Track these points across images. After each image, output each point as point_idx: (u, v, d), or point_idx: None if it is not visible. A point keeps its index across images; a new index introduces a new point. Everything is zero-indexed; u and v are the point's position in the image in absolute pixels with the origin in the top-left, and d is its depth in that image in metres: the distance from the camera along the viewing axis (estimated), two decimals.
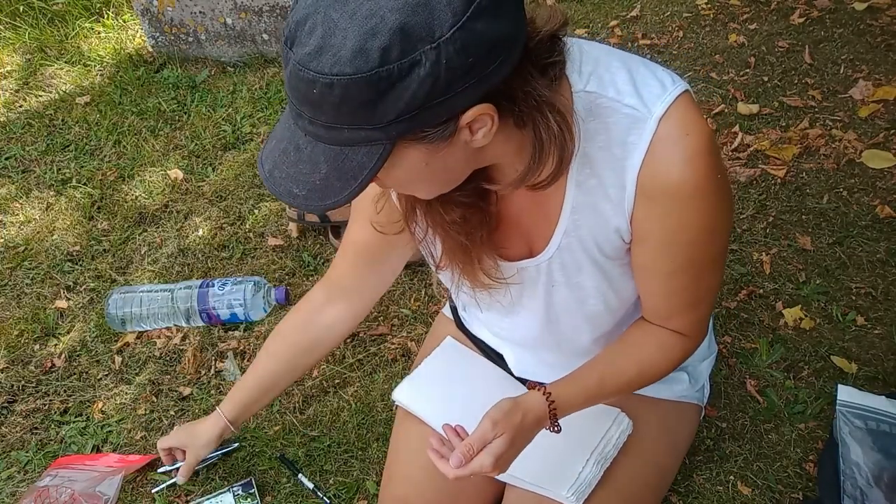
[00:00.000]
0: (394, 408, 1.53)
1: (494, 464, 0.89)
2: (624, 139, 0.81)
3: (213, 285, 1.78)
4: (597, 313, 1.02)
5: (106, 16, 2.95)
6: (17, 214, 2.21)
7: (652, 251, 0.90)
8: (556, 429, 0.96)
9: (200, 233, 2.05)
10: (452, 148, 0.73)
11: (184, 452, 1.39)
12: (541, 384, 0.96)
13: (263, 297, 1.78)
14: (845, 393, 1.39)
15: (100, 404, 1.68)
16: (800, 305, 1.60)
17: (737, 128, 2.04)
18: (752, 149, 1.97)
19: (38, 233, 2.14)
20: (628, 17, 2.54)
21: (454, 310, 1.32)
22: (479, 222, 0.92)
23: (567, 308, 1.02)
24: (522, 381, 1.22)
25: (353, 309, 1.19)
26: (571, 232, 0.92)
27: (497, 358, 1.24)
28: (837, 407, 1.37)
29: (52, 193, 2.26)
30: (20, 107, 2.65)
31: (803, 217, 1.79)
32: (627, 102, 0.80)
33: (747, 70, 2.22)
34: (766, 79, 2.18)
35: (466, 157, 0.77)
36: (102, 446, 1.61)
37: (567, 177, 0.87)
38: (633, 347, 1.01)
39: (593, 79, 0.81)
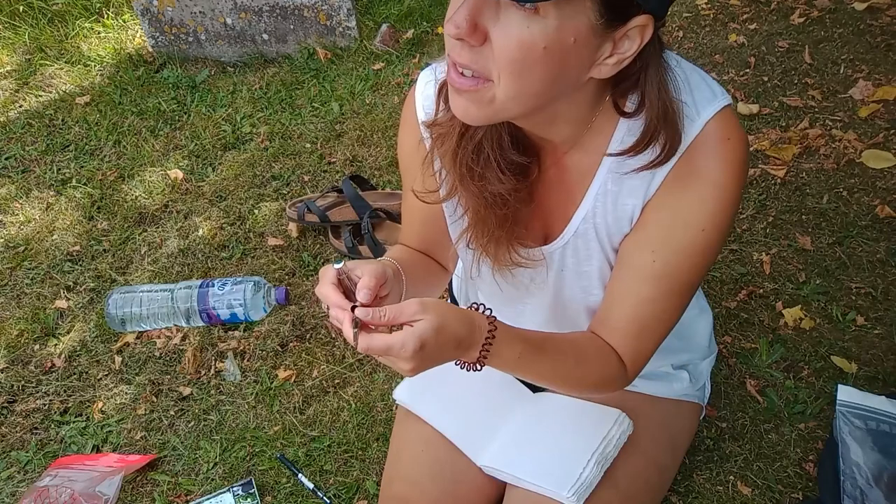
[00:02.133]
0: (394, 408, 1.53)
1: (414, 353, 0.76)
2: None
3: (213, 285, 1.78)
4: (598, 305, 1.02)
5: (106, 16, 2.96)
6: (17, 214, 2.21)
7: (642, 241, 0.90)
8: (476, 367, 0.85)
9: (200, 233, 2.05)
10: (593, 46, 0.71)
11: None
12: (489, 311, 0.85)
13: (263, 297, 1.78)
14: (845, 393, 1.39)
15: (100, 404, 1.68)
16: (800, 305, 1.60)
17: None
18: (752, 149, 1.97)
19: (38, 233, 2.15)
20: None
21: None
22: (524, 198, 0.92)
23: (572, 297, 1.03)
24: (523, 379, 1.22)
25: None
26: (590, 217, 0.93)
27: None
28: (837, 407, 1.37)
29: (52, 193, 2.26)
30: (20, 107, 2.65)
31: (803, 217, 1.79)
32: (681, 99, 0.83)
33: (747, 70, 2.22)
34: (766, 79, 2.18)
35: (577, 76, 0.75)
36: (102, 446, 1.61)
37: (602, 161, 0.88)
38: (580, 343, 0.96)
39: None
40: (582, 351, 0.95)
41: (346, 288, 0.84)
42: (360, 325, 0.78)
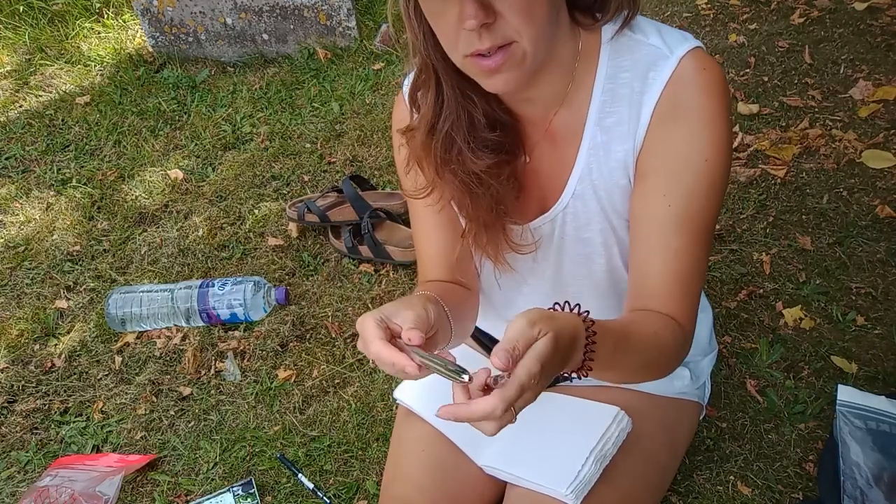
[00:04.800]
0: (394, 407, 1.53)
1: (541, 377, 0.68)
2: (645, 74, 0.86)
3: (213, 285, 1.78)
4: (602, 278, 1.03)
5: (106, 16, 2.96)
6: (17, 214, 2.21)
7: (651, 189, 0.90)
8: (583, 374, 0.75)
9: (200, 233, 2.05)
10: None
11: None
12: (577, 307, 0.77)
13: (263, 297, 1.78)
14: (845, 393, 1.39)
15: (100, 404, 1.68)
16: (800, 305, 1.60)
17: (737, 128, 2.04)
18: (752, 149, 1.97)
19: (38, 233, 2.15)
20: None
21: None
22: (510, 175, 0.94)
23: (574, 269, 1.03)
24: None
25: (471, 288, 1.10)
26: (586, 176, 0.93)
27: (493, 345, 1.24)
28: (837, 407, 1.37)
29: (52, 193, 2.26)
30: (20, 107, 2.65)
31: (803, 217, 1.79)
32: (652, 42, 0.87)
33: (747, 70, 2.22)
34: (766, 79, 2.18)
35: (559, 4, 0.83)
36: (102, 446, 1.61)
37: (588, 115, 0.90)
38: (645, 321, 0.90)
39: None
40: (652, 324, 0.88)
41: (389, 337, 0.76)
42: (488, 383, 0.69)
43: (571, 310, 0.77)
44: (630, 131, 0.89)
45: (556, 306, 0.77)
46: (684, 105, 0.85)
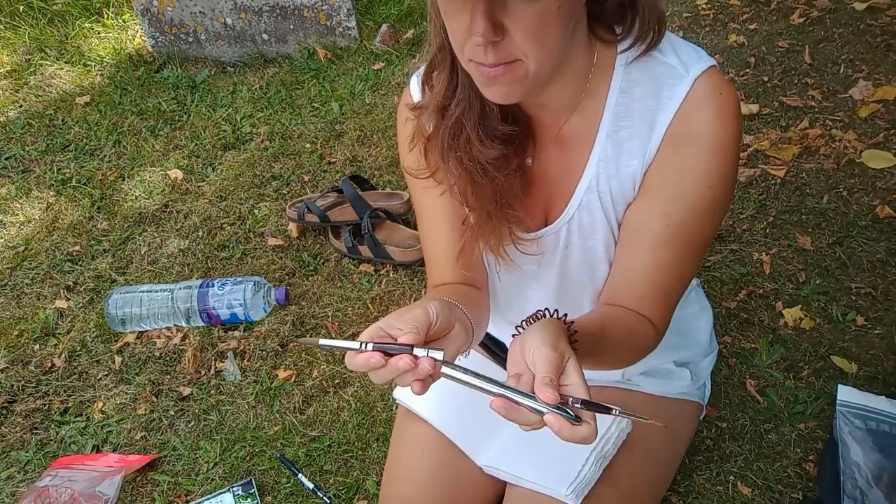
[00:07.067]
0: (394, 407, 1.53)
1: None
2: (659, 91, 0.86)
3: (213, 285, 1.78)
4: (601, 284, 1.03)
5: (106, 16, 2.95)
6: (17, 214, 2.21)
7: (652, 206, 0.90)
8: None
9: (200, 233, 2.05)
10: None
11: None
12: (555, 312, 0.80)
13: (263, 297, 1.78)
14: (845, 393, 1.39)
15: (100, 404, 1.68)
16: (800, 305, 1.60)
17: None
18: (752, 149, 1.97)
19: (38, 233, 2.15)
20: None
21: None
22: (517, 168, 0.93)
23: (578, 277, 1.03)
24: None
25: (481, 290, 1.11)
26: (594, 187, 0.93)
27: (496, 347, 1.24)
28: (837, 407, 1.37)
29: (52, 193, 2.26)
30: (20, 107, 2.65)
31: (803, 217, 1.79)
32: (668, 59, 0.86)
33: (747, 70, 2.22)
34: (766, 79, 2.18)
35: (579, 10, 0.81)
36: (102, 446, 1.61)
37: (600, 126, 0.90)
38: (623, 319, 0.93)
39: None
40: (629, 323, 0.92)
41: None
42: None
43: (550, 315, 0.79)
44: (641, 148, 0.88)
45: (539, 313, 0.80)
46: (696, 129, 0.85)
